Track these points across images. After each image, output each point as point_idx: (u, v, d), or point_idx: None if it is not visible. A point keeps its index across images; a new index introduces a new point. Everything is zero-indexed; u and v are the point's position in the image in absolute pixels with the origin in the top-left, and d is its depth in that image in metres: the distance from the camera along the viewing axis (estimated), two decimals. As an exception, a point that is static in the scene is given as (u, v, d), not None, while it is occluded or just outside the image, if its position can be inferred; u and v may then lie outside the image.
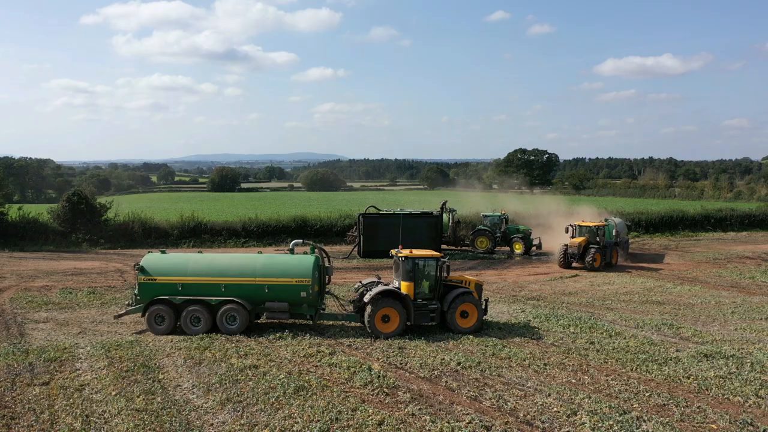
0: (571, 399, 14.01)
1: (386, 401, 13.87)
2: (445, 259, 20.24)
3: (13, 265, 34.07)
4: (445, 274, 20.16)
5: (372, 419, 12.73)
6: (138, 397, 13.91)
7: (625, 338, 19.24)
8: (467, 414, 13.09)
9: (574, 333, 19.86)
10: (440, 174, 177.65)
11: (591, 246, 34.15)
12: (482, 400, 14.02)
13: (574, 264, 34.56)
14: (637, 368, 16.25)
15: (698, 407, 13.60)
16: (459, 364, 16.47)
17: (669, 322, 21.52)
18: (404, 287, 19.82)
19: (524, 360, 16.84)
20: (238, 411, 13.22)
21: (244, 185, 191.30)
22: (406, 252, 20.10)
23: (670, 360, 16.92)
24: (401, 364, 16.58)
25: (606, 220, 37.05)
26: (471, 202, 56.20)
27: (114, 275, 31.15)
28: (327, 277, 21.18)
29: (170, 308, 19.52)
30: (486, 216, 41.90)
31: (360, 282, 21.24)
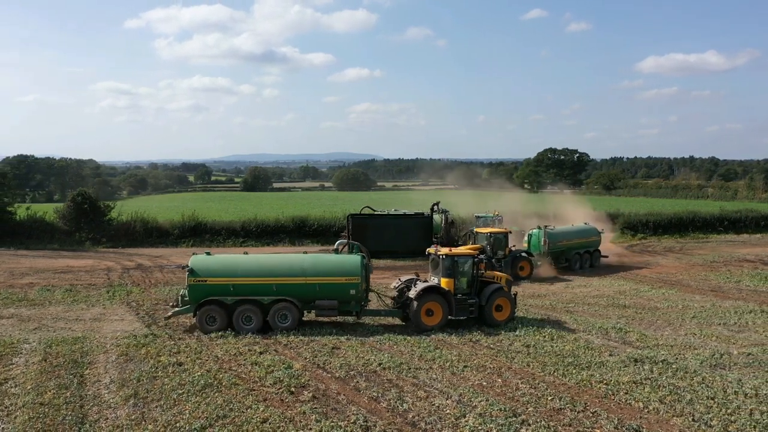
0: (471, 401, 14.05)
1: (286, 400, 14.14)
2: (481, 257, 21.47)
3: (12, 262, 35.50)
4: (481, 271, 21.15)
5: (257, 417, 13.03)
6: (49, 391, 14.50)
7: (565, 342, 19.07)
8: (357, 414, 13.27)
9: (516, 336, 19.78)
10: (471, 174, 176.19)
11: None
12: (381, 401, 14.16)
13: None
14: (555, 372, 16.13)
15: (593, 412, 13.48)
16: (380, 365, 16.64)
17: (620, 325, 21.21)
18: (444, 283, 20.64)
19: (447, 362, 16.90)
20: (138, 406, 13.68)
21: (276, 185, 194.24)
22: (445, 250, 21.05)
23: (595, 364, 16.72)
24: (324, 363, 16.83)
25: (539, 227, 34.25)
26: (492, 203, 55.74)
27: (101, 273, 32.19)
28: (369, 275, 21.81)
29: (221, 308, 20.07)
30: (479, 217, 41.60)
31: (399, 279, 22.12)
